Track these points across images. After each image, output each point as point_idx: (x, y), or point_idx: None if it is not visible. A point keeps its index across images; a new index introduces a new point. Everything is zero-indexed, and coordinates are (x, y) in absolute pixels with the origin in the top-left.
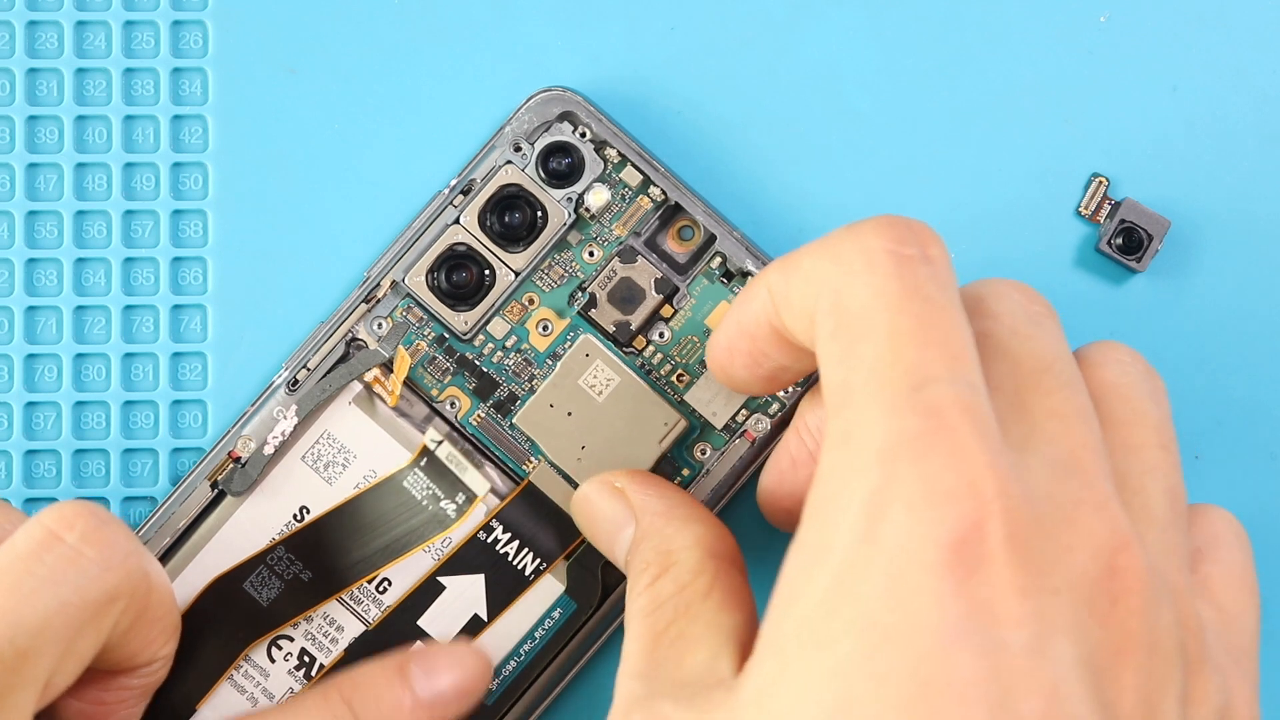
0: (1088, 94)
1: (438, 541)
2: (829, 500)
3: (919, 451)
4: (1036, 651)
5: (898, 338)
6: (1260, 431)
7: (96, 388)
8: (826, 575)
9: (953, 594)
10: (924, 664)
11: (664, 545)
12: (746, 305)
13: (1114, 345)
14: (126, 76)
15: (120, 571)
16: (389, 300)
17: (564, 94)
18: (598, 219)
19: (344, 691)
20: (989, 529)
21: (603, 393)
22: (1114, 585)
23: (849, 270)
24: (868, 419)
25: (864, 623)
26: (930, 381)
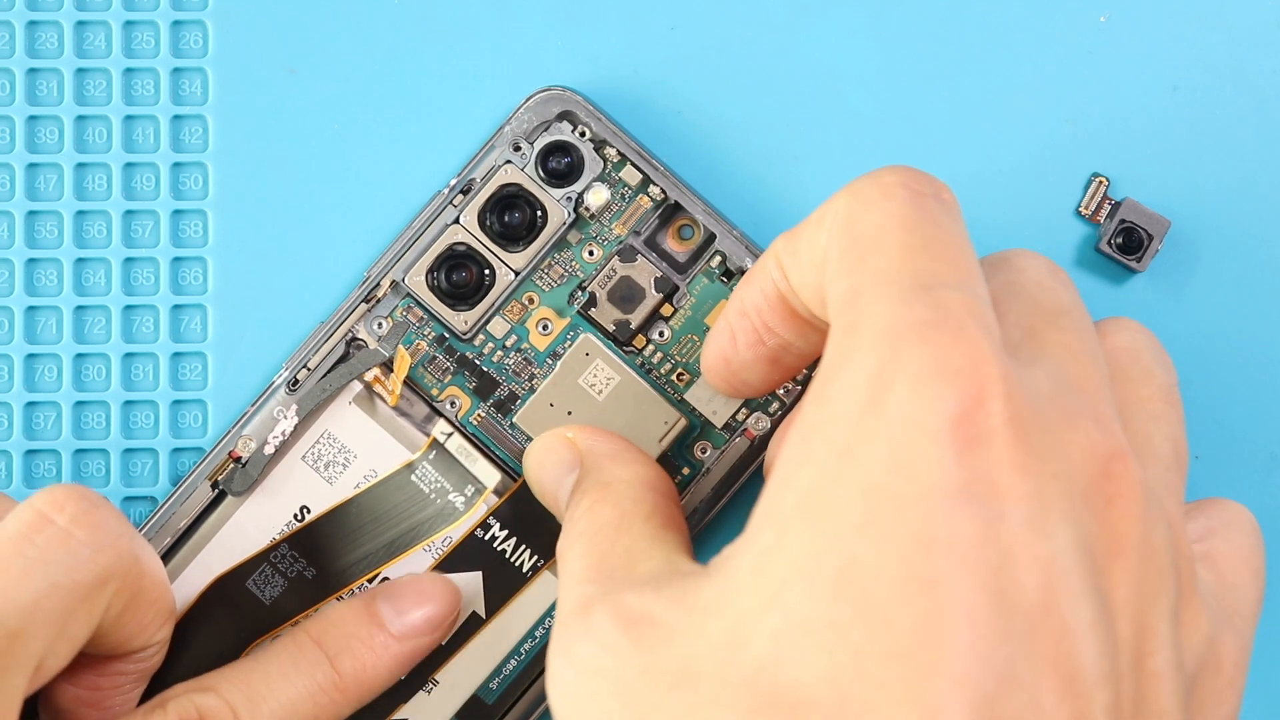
0: (1088, 94)
1: (439, 539)
2: (832, 382)
3: (925, 336)
4: (1035, 526)
5: (909, 250)
6: (1260, 431)
7: (96, 388)
8: (829, 447)
9: (955, 462)
10: (926, 525)
11: (605, 478)
12: (750, 284)
13: (1127, 319)
14: (126, 76)
15: (111, 553)
16: (389, 300)
17: (563, 93)
18: (597, 218)
19: (313, 633)
20: (991, 408)
21: (603, 392)
22: (1109, 488)
23: (863, 200)
24: (875, 310)
25: (867, 488)
26: (939, 285)
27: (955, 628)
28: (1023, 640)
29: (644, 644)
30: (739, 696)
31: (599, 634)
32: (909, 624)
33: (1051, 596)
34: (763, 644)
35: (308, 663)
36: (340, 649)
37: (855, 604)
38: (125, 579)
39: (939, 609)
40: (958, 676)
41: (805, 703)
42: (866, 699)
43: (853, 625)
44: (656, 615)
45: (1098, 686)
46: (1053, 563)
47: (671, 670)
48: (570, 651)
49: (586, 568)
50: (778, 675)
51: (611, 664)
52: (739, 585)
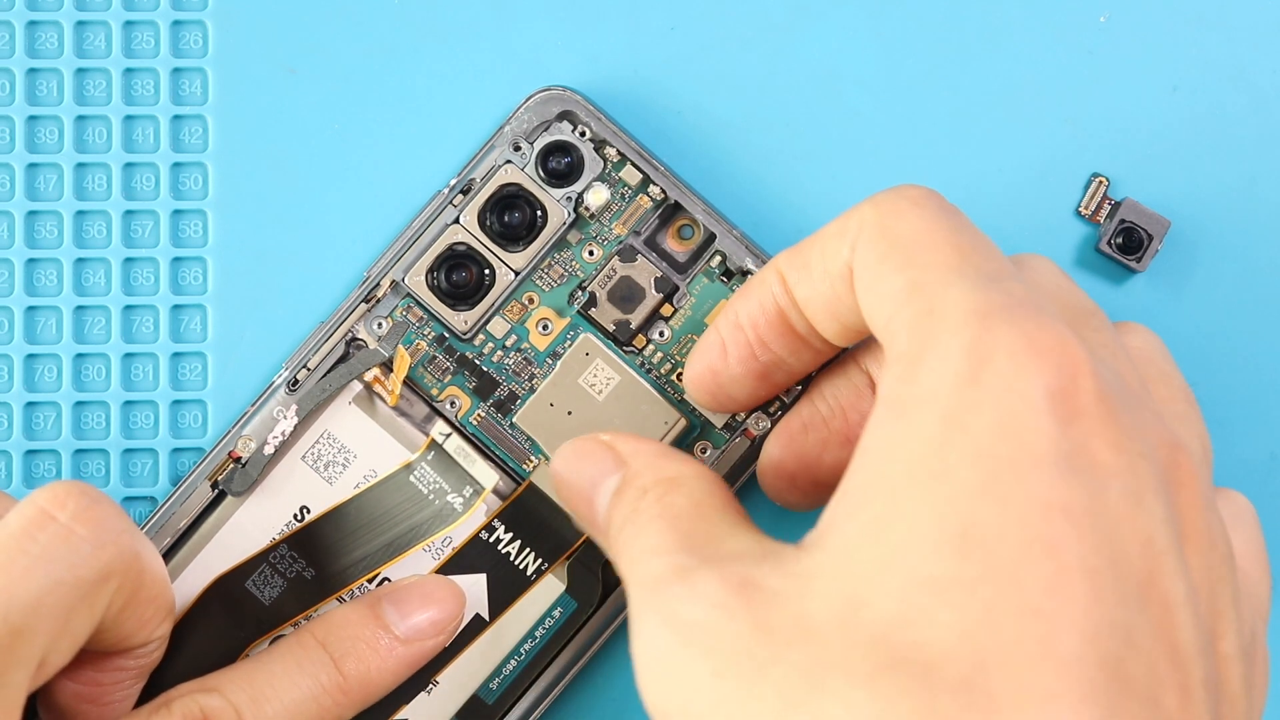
0: (1088, 94)
1: (439, 540)
2: (918, 363)
3: (1011, 316)
4: (1134, 501)
5: (961, 249)
6: (1260, 431)
7: (96, 388)
8: (935, 415)
9: (1059, 432)
10: (1042, 490)
11: (667, 474)
12: (746, 297)
13: (1137, 325)
14: (126, 76)
15: (113, 550)
16: (389, 300)
17: (563, 93)
18: (597, 218)
19: (318, 635)
20: (1084, 385)
21: (603, 392)
22: (1176, 475)
23: (894, 210)
24: (952, 295)
25: (979, 453)
26: (1005, 277)
27: (1079, 589)
28: (1136, 606)
29: (755, 604)
30: (865, 655)
31: (706, 594)
32: (1036, 583)
33: (1155, 568)
34: (886, 604)
35: (312, 664)
36: (345, 651)
37: (980, 563)
38: (126, 575)
39: (1061, 570)
40: (1087, 634)
41: (937, 658)
42: (1001, 654)
43: (981, 583)
44: (763, 582)
45: (1195, 660)
46: (1152, 537)
47: (789, 628)
48: (672, 613)
49: (671, 542)
50: (905, 634)
51: (721, 623)
52: (852, 551)
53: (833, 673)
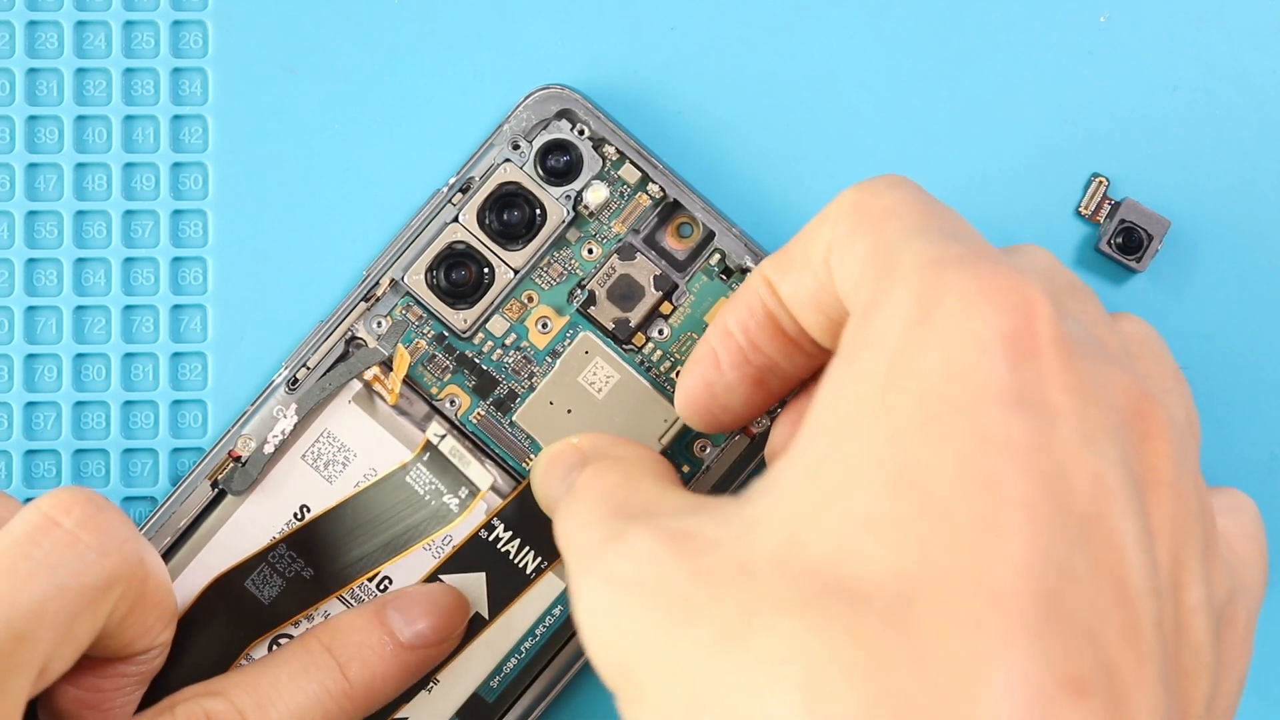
0: (1088, 94)
1: (439, 539)
2: (874, 309)
3: (967, 263)
4: (1085, 441)
5: (927, 216)
6: (1260, 431)
7: (96, 388)
8: (882, 358)
9: (1008, 371)
10: (983, 426)
11: (602, 452)
12: (734, 304)
13: (1136, 316)
14: (126, 76)
15: (117, 557)
16: (388, 299)
17: (562, 92)
18: (596, 216)
19: (323, 640)
20: (1039, 327)
21: (602, 390)
22: (1142, 424)
23: (869, 189)
24: (910, 249)
25: (923, 392)
26: (969, 237)
27: (1016, 523)
28: (1078, 543)
29: (690, 553)
30: (799, 587)
31: (639, 550)
32: (971, 518)
33: (1102, 507)
34: (822, 542)
35: (318, 669)
36: (350, 656)
37: (917, 501)
38: (130, 583)
39: (999, 504)
40: (1021, 567)
41: (869, 591)
42: (932, 586)
43: (915, 520)
44: (699, 531)
45: (1144, 600)
46: (1101, 477)
47: (724, 571)
48: (607, 572)
49: (606, 511)
50: (838, 569)
51: (656, 574)
52: (792, 493)
53: (765, 606)
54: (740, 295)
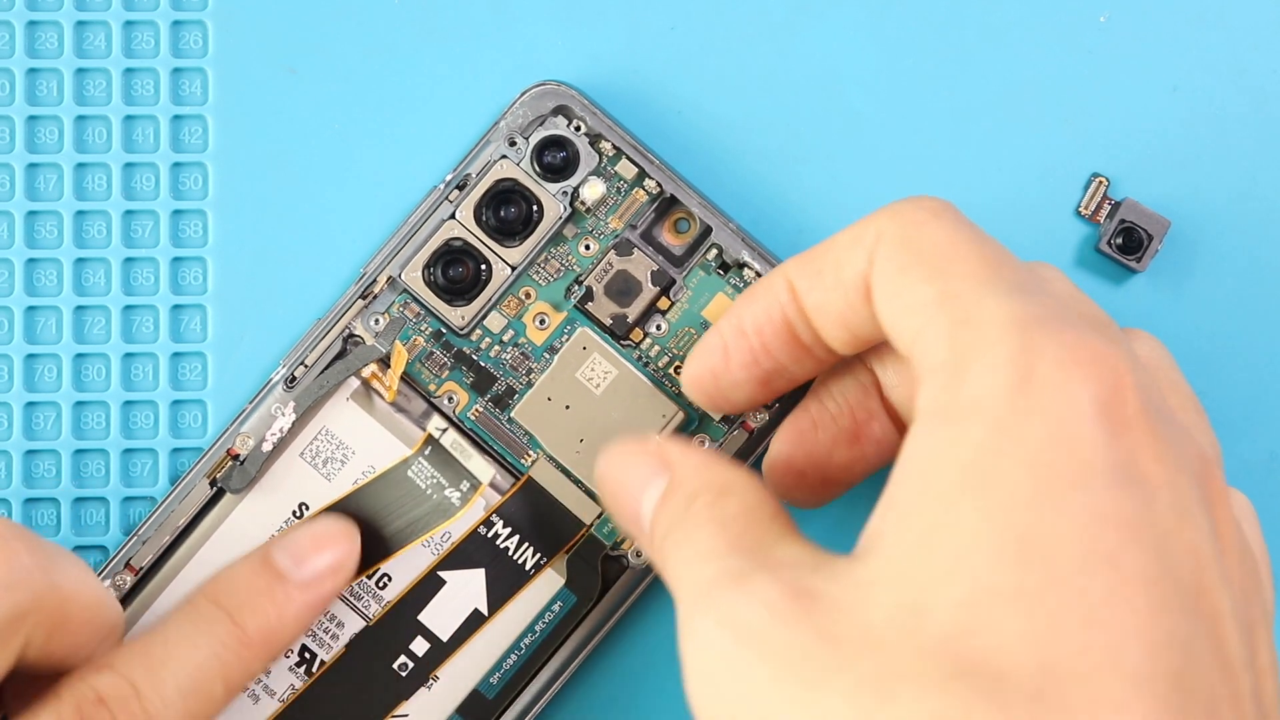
0: (1088, 94)
1: (438, 535)
2: (961, 372)
3: (1050, 327)
4: (1181, 513)
5: (988, 261)
6: (1260, 431)
7: (96, 388)
8: (983, 425)
9: (1110, 443)
10: (1097, 501)
11: (717, 480)
12: (752, 302)
13: (1144, 333)
14: (126, 76)
15: (23, 590)
16: (386, 296)
17: (558, 88)
18: (593, 212)
19: (209, 594)
20: (1128, 396)
21: (600, 385)
22: (1210, 489)
23: (913, 221)
24: (989, 305)
25: (1032, 462)
26: (1034, 289)
27: (1142, 600)
28: (1192, 618)
29: (815, 611)
30: (931, 665)
31: (764, 599)
32: (1100, 593)
33: (1203, 581)
34: (949, 612)
35: (207, 623)
36: (240, 604)
37: (1043, 572)
38: (42, 613)
39: (1124, 580)
40: (1153, 645)
41: (1005, 669)
42: (1070, 665)
43: (1045, 592)
44: (820, 590)
45: (1243, 673)
46: (1198, 549)
47: (851, 636)
48: (728, 616)
49: (722, 546)
50: (970, 642)
51: (781, 627)
52: (908, 560)
53: (903, 682)
54: (759, 296)
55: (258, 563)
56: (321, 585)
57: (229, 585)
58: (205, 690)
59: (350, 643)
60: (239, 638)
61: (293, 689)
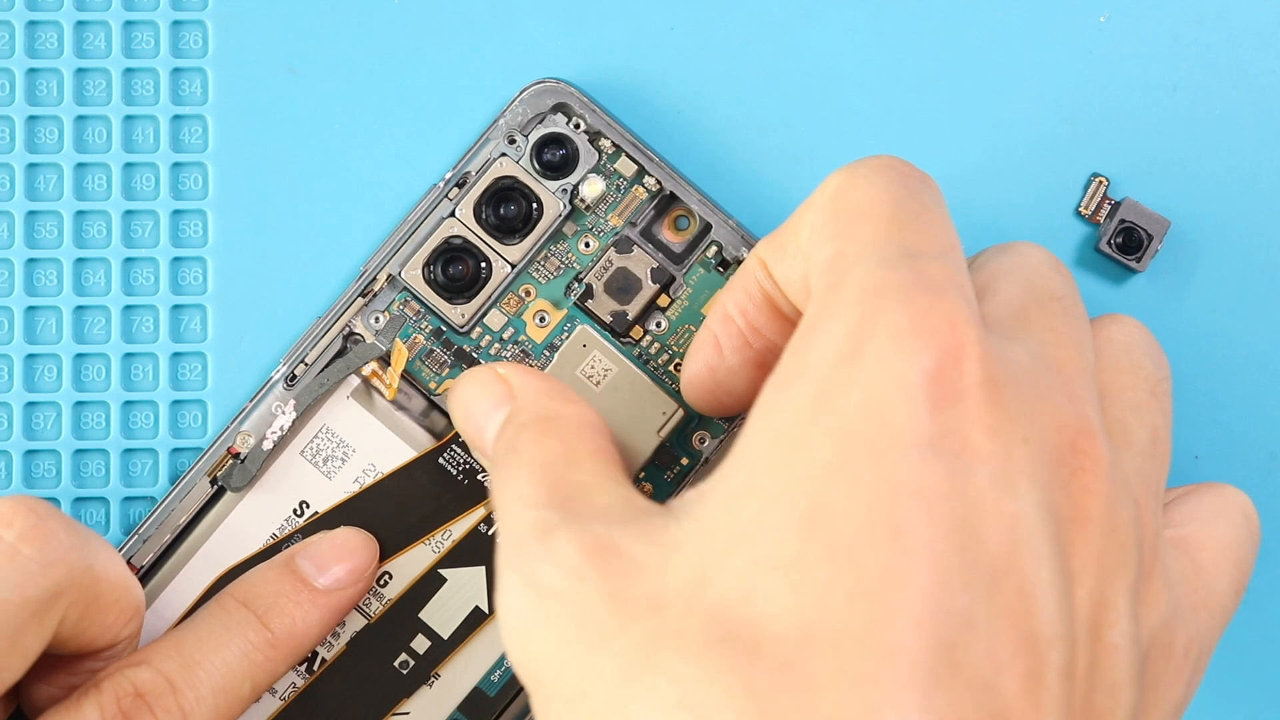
0: (1088, 94)
1: (439, 535)
2: (811, 333)
3: (906, 295)
4: (1002, 486)
5: (895, 222)
6: (1260, 431)
7: (96, 388)
8: (808, 392)
9: (928, 415)
10: (896, 473)
11: (545, 412)
12: (732, 288)
13: (1127, 316)
14: (126, 76)
15: (61, 568)
16: (386, 294)
17: (558, 86)
18: (593, 210)
19: (239, 596)
20: (966, 368)
21: (600, 383)
22: (1075, 460)
23: (853, 176)
24: (858, 270)
25: (841, 433)
26: (923, 254)
27: (919, 573)
28: (983, 592)
29: (610, 573)
30: (702, 628)
31: (563, 558)
32: (874, 566)
33: (1014, 554)
34: (729, 580)
35: (238, 624)
36: (267, 607)
37: (823, 544)
38: (78, 591)
39: (904, 554)
40: (919, 619)
41: (767, 637)
42: (828, 636)
43: (819, 564)
44: (624, 547)
45: (1052, 646)
46: (1017, 522)
47: (637, 600)
48: (530, 574)
49: (538, 493)
50: (742, 611)
51: (574, 589)
52: (708, 524)
53: (667, 646)
54: (738, 279)
55: (282, 568)
56: (340, 595)
57: (256, 589)
58: (234, 689)
59: (351, 641)
60: (267, 639)
61: (294, 687)
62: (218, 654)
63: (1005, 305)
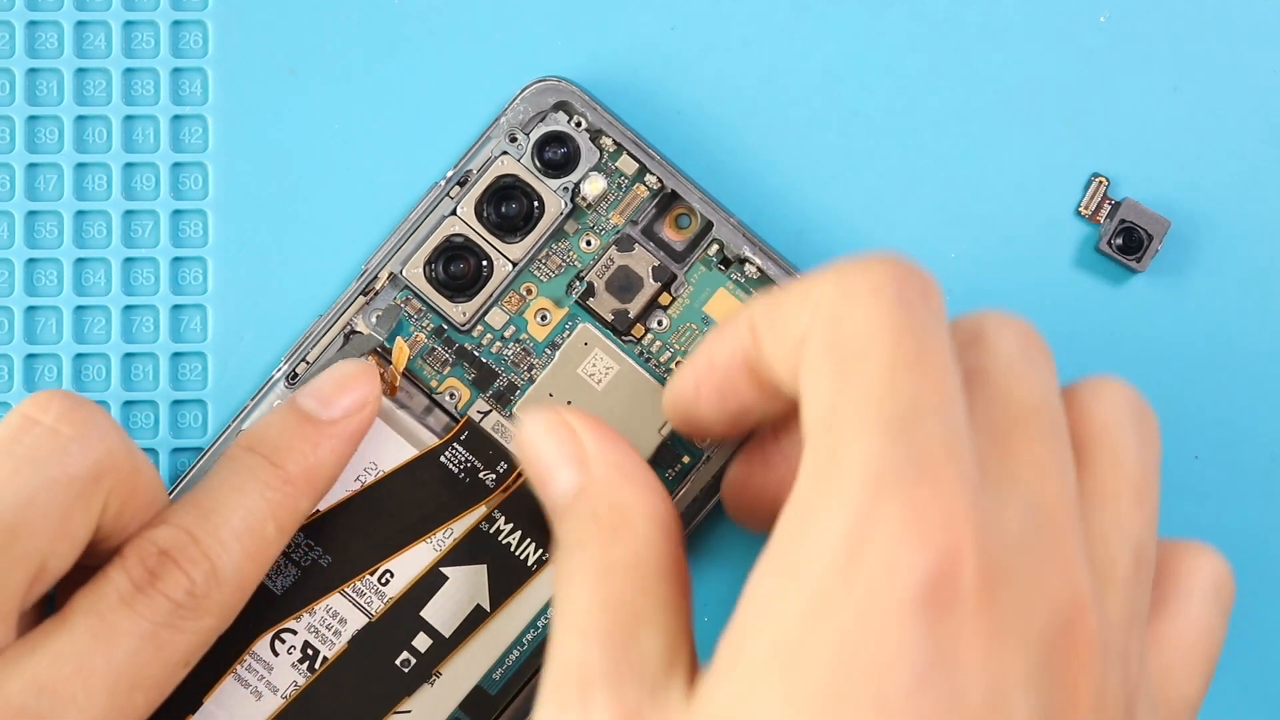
0: (1088, 94)
1: (440, 534)
2: (809, 520)
3: (905, 486)
4: (994, 704)
5: (893, 368)
6: (1260, 431)
7: (96, 388)
8: (802, 600)
9: (923, 636)
10: (890, 702)
11: (619, 503)
12: (721, 339)
13: (1110, 384)
14: (126, 76)
15: (101, 447)
16: (387, 292)
17: (559, 84)
18: (594, 208)
19: (244, 444)
20: (963, 571)
21: (602, 381)
22: (1068, 642)
23: (851, 297)
24: (858, 444)
25: (837, 652)
26: (922, 417)
27: None
28: None
29: None
30: None
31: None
32: None
33: None
34: None
35: (249, 469)
36: (276, 448)
37: None
38: (119, 473)
39: None
40: None
41: None
42: None
43: None
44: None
45: None
46: None
47: None
48: None
49: (594, 624)
50: None
51: None
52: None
53: None
54: (728, 332)
55: (285, 410)
56: (350, 422)
57: (262, 433)
58: (258, 530)
59: (352, 639)
60: (282, 476)
61: (295, 686)
62: (235, 500)
63: (985, 429)
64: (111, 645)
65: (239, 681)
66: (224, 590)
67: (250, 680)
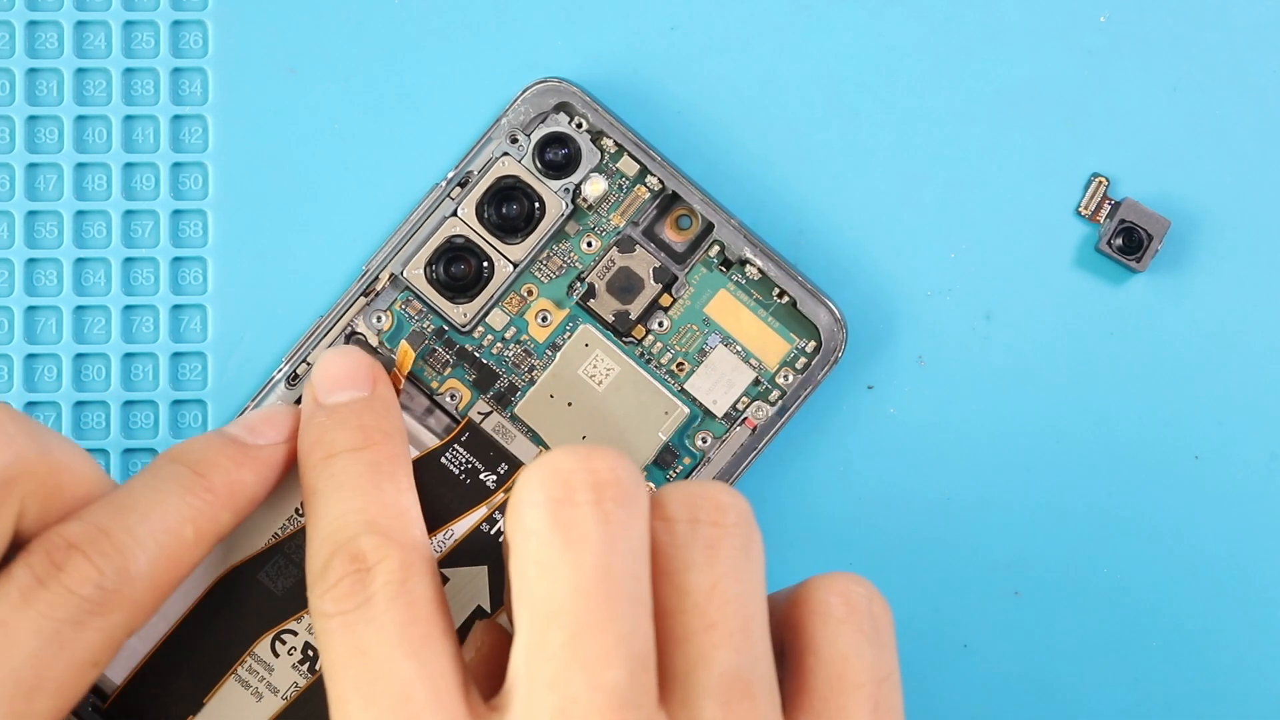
0: (1088, 94)
1: (440, 534)
2: None
3: None
4: None
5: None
6: (1260, 431)
7: (96, 388)
8: None
9: None
10: None
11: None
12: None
13: (833, 587)
14: (126, 76)
15: (8, 454)
16: (388, 293)
17: (560, 85)
18: (595, 209)
19: (168, 456)
20: None
21: (603, 382)
22: None
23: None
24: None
25: None
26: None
27: None
28: None
29: None
30: None
31: None
32: None
33: None
34: None
35: (170, 475)
36: (199, 459)
37: None
38: (34, 478)
39: None
40: None
41: None
42: None
43: None
44: None
45: None
46: None
47: None
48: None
49: None
50: None
51: None
52: None
53: None
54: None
55: (210, 433)
56: (274, 450)
57: (186, 447)
58: (176, 530)
59: None
60: (204, 485)
61: (296, 686)
62: (151, 498)
63: None
64: (10, 647)
65: (240, 682)
66: (136, 587)
67: (251, 681)
